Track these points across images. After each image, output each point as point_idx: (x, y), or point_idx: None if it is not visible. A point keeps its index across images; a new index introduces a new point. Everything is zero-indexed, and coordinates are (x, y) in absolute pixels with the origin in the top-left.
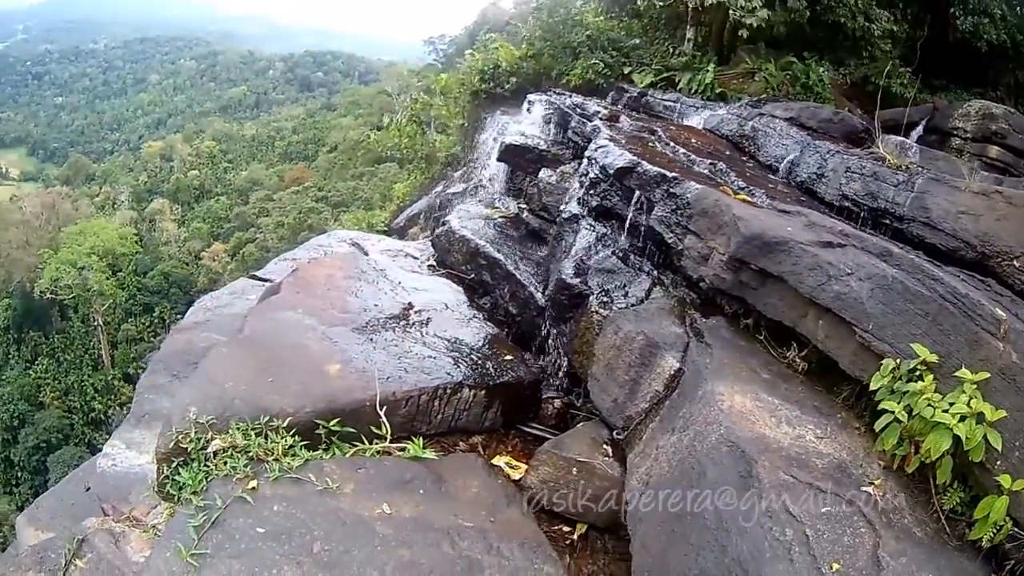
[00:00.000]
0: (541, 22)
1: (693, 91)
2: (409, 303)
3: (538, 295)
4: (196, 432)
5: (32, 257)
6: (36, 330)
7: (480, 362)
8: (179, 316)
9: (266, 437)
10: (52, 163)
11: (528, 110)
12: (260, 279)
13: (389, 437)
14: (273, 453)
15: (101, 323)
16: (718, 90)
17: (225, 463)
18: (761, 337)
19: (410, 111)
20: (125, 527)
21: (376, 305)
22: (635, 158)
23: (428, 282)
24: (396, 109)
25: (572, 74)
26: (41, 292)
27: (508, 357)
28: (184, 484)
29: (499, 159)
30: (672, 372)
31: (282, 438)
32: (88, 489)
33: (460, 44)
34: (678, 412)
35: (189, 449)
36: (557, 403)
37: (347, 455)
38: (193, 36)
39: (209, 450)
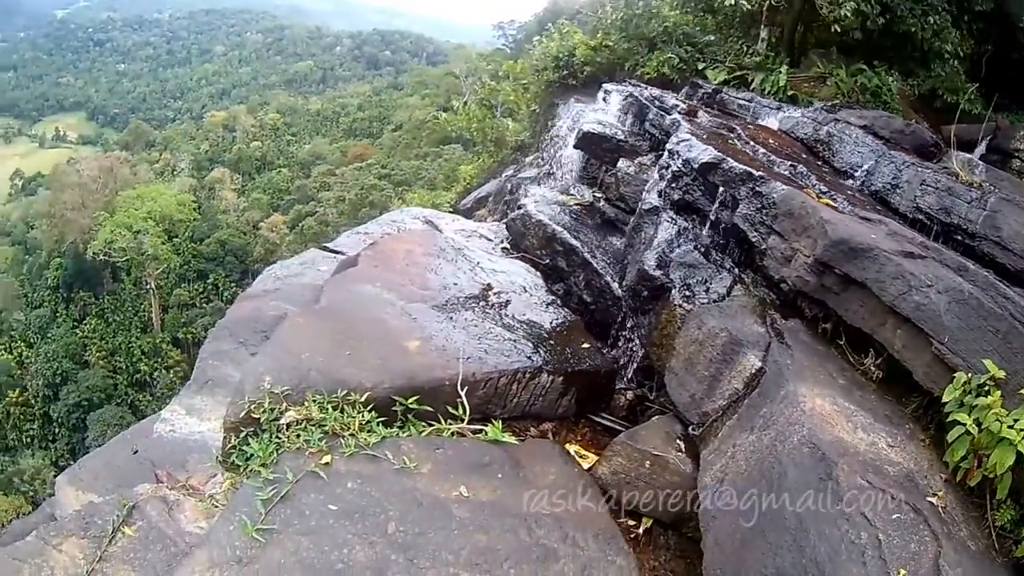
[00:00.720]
0: (618, 12)
1: (766, 91)
2: (488, 284)
3: (614, 285)
4: (270, 402)
5: (87, 219)
6: (86, 290)
7: (558, 348)
8: (233, 284)
9: (342, 411)
10: (112, 128)
11: (604, 99)
12: (331, 251)
13: (467, 419)
14: (349, 428)
15: (153, 287)
16: (790, 92)
17: (298, 436)
18: (841, 342)
19: (480, 95)
20: (180, 495)
21: (455, 284)
22: (720, 154)
23: (505, 264)
24: (464, 91)
25: (648, 66)
26: (94, 253)
27: (585, 345)
28: (253, 455)
29: (576, 146)
30: (753, 371)
31: (359, 413)
32: (136, 452)
33: (529, 31)
34: (758, 411)
35: (261, 419)
36: (629, 395)
37: (423, 434)
38: (260, 9)
39: (282, 421)
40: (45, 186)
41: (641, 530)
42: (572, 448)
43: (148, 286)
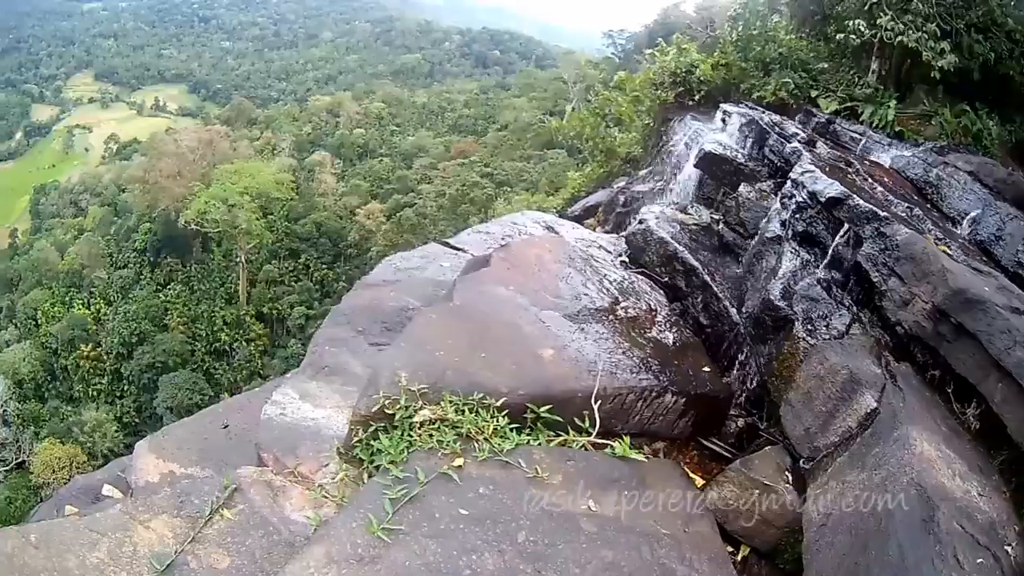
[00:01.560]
0: (735, 32)
1: (875, 125)
2: (616, 297)
3: (732, 310)
4: (406, 399)
5: (181, 188)
6: (174, 256)
7: (682, 369)
8: (324, 266)
9: (477, 414)
10: (213, 103)
11: (724, 121)
12: (452, 247)
13: (595, 432)
14: (483, 432)
15: (243, 260)
16: (897, 128)
17: (431, 436)
18: (948, 390)
19: (592, 104)
20: (287, 481)
21: (586, 294)
22: (845, 190)
23: (630, 278)
24: (571, 97)
25: (765, 89)
26: (186, 222)
27: (706, 368)
28: (382, 451)
29: (696, 166)
30: (868, 411)
31: (493, 418)
32: (226, 427)
33: (639, 41)
34: (870, 451)
35: (397, 415)
36: (740, 422)
37: (552, 444)
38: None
39: (415, 420)
40: (141, 152)
41: (739, 557)
42: None
43: (238, 259)
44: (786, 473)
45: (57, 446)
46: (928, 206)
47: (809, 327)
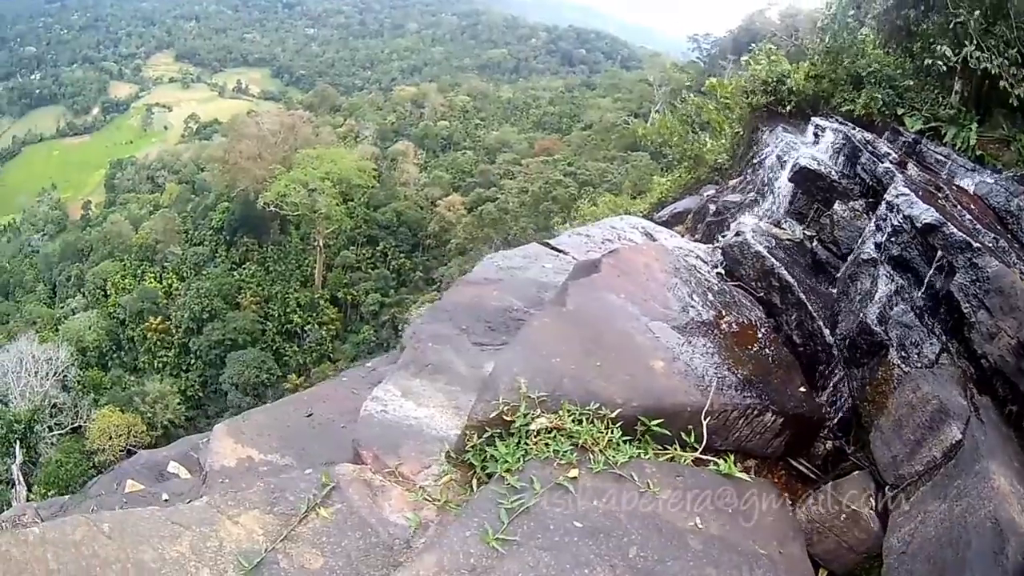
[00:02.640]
0: (824, 43)
1: (957, 148)
2: (720, 311)
3: (826, 331)
4: (526, 406)
5: (261, 170)
6: (250, 237)
7: (780, 388)
8: (402, 255)
9: (592, 425)
10: (296, 88)
11: (816, 135)
12: (553, 248)
13: (701, 448)
14: (599, 444)
15: (321, 244)
16: (978, 152)
17: (547, 445)
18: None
19: (680, 109)
20: (387, 481)
21: (692, 306)
22: (940, 216)
23: (730, 292)
24: (656, 100)
25: (855, 104)
26: (264, 203)
27: (802, 389)
28: (497, 459)
29: (791, 180)
30: (953, 442)
31: (608, 429)
32: (310, 415)
33: (723, 47)
34: (952, 482)
35: (516, 422)
36: (828, 444)
37: (660, 458)
38: None
39: (532, 427)
40: (221, 133)
41: None
42: None
43: (315, 243)
44: (871, 499)
45: (116, 414)
46: (1009, 236)
47: (903, 354)
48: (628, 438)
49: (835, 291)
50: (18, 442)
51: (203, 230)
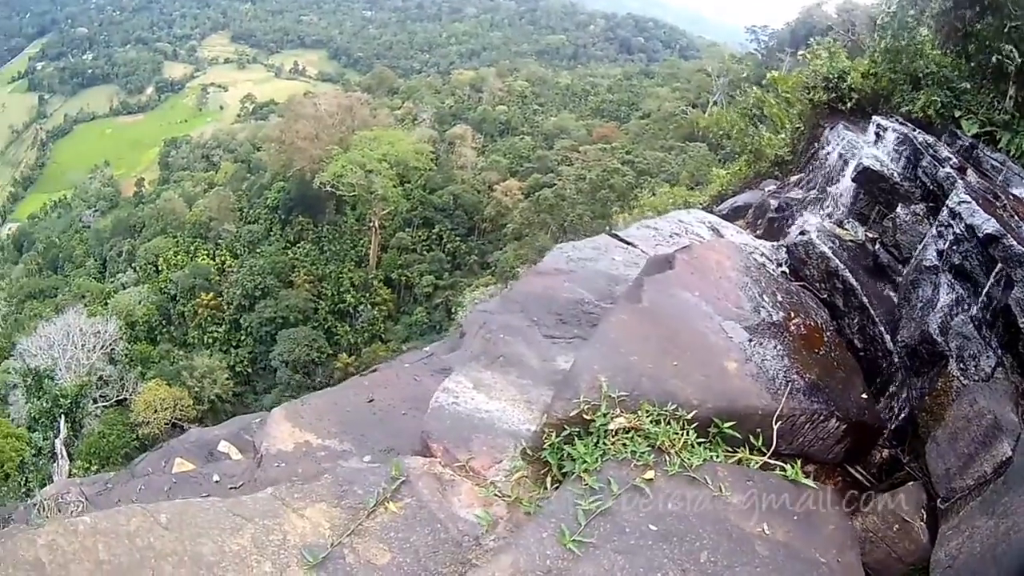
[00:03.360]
0: (884, 41)
1: (1012, 154)
2: (788, 312)
3: (887, 337)
4: (606, 406)
5: (318, 150)
6: (305, 216)
7: (845, 394)
8: (458, 238)
9: (669, 425)
10: (354, 70)
11: (877, 135)
12: (622, 240)
13: (770, 452)
14: (675, 445)
15: (376, 225)
16: None
17: (624, 445)
18: None
19: (741, 103)
20: (457, 475)
21: (763, 307)
22: (1000, 227)
23: (797, 294)
24: (714, 91)
25: (914, 104)
26: (321, 183)
27: (864, 396)
28: (576, 458)
29: (853, 180)
30: (1004, 459)
31: (684, 430)
32: (371, 401)
33: (781, 39)
34: (1000, 499)
35: (597, 422)
36: (884, 453)
37: (730, 461)
38: None
39: (611, 427)
40: (278, 113)
41: None
42: None
43: (371, 224)
44: (922, 511)
45: (163, 387)
46: None
47: (962, 366)
48: (701, 440)
49: (896, 296)
50: (63, 416)
51: (258, 208)
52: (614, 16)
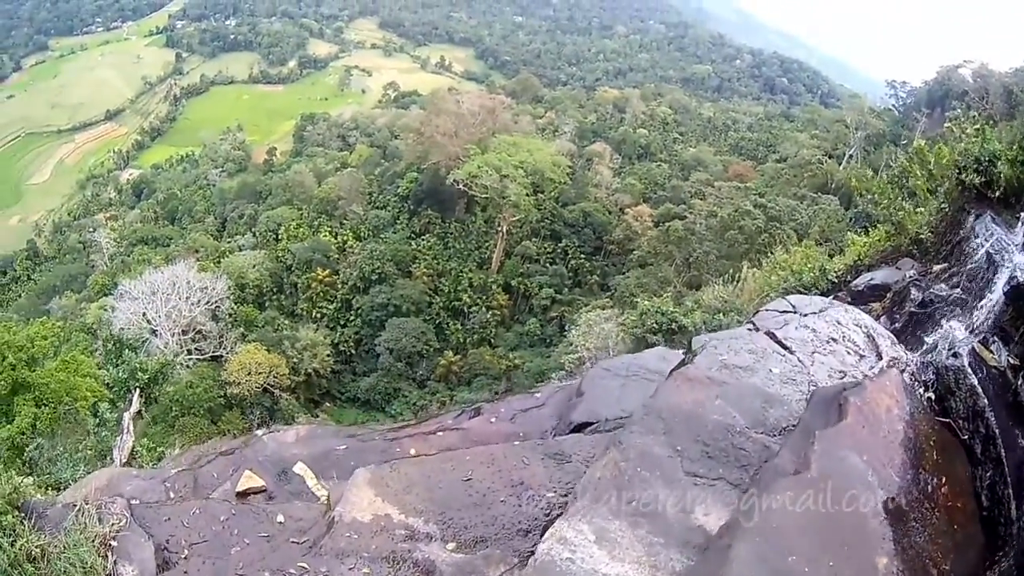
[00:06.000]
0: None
1: None
2: (940, 478)
3: (1013, 504)
4: None
5: (456, 147)
6: (435, 210)
7: None
8: (583, 255)
9: None
10: (499, 72)
11: None
12: (779, 343)
13: None
14: None
15: (504, 231)
16: None
17: None
18: None
19: (894, 170)
20: None
21: (921, 471)
22: None
23: (947, 448)
24: (851, 144)
25: None
26: (454, 181)
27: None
28: None
29: (1005, 294)
30: None
31: None
32: (468, 480)
33: (918, 97)
34: None
35: None
36: None
37: None
38: (666, 2)
39: None
40: (420, 105)
41: None
42: None
43: (499, 228)
44: None
45: (261, 352)
46: None
47: None
48: None
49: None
50: (137, 391)
51: (388, 195)
52: (760, 53)
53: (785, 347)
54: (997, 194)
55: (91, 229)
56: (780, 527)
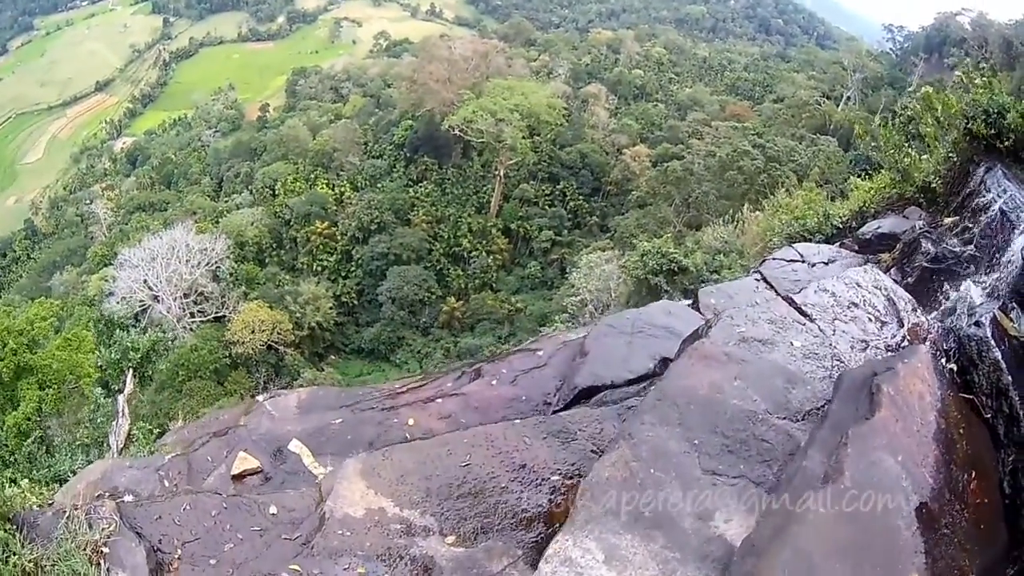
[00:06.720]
0: None
1: None
2: (970, 471)
3: None
4: None
5: (449, 93)
6: (431, 157)
7: None
8: (581, 196)
9: None
10: (491, 17)
11: None
12: (799, 310)
13: None
14: None
15: (501, 174)
16: None
17: None
18: None
19: (900, 117)
20: None
21: (953, 466)
22: None
23: (975, 438)
24: (849, 86)
25: None
26: (449, 127)
27: None
28: None
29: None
30: None
31: None
32: (467, 465)
33: (916, 42)
34: None
35: None
36: None
37: None
38: None
39: None
40: (412, 53)
41: None
42: None
43: (496, 172)
44: None
45: (263, 309)
46: None
47: None
48: None
49: None
50: (131, 371)
51: (383, 144)
52: None
53: (805, 314)
54: (1007, 144)
55: (88, 201)
56: (810, 547)
